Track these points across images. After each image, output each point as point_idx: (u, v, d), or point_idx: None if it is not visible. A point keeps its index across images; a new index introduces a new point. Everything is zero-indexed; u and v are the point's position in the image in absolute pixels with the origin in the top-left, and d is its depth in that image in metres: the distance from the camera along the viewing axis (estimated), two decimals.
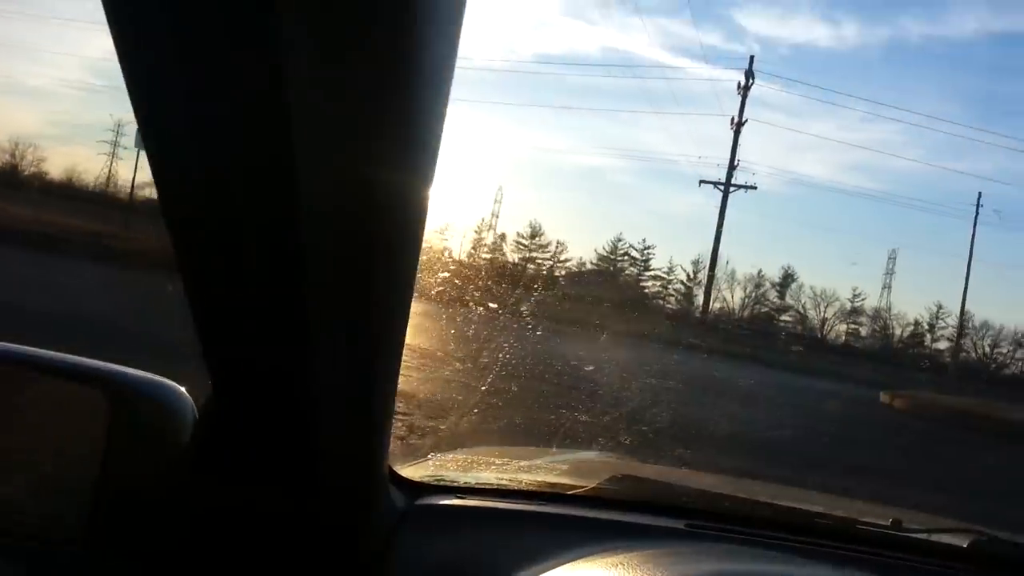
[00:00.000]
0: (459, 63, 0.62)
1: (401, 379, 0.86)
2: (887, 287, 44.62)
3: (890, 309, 43.34)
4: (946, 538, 1.16)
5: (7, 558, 0.85)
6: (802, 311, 43.85)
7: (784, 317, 44.22)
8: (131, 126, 29.74)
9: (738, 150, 36.04)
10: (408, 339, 0.80)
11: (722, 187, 35.62)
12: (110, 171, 33.11)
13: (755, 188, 36.41)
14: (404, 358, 0.82)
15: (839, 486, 4.91)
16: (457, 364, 5.76)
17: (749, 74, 36.36)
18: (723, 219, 35.41)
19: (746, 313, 42.96)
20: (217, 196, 0.60)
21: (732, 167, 35.89)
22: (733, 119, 36.19)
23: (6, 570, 0.84)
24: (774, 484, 2.60)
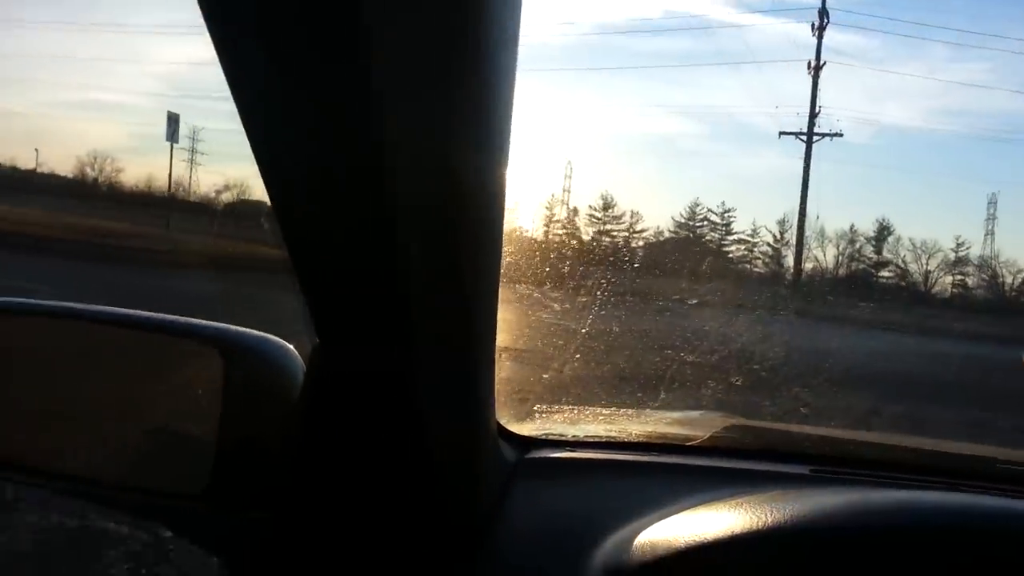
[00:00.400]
0: (522, 36, 0.65)
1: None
2: (990, 233, 40.27)
3: (997, 256, 39.14)
4: None
5: (141, 515, 0.88)
6: (902, 265, 40.01)
7: (884, 273, 40.38)
8: (203, 132, 31.15)
9: (818, 97, 32.61)
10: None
11: (804, 138, 32.12)
12: (190, 177, 33.98)
13: (841, 135, 32.93)
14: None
15: None
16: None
17: (823, 12, 33.14)
18: (808, 171, 31.88)
19: (841, 271, 39.43)
20: (319, 192, 0.66)
21: (813, 114, 32.42)
22: (810, 63, 32.84)
23: (142, 526, 0.88)
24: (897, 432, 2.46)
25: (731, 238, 42.23)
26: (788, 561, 0.75)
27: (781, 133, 32.75)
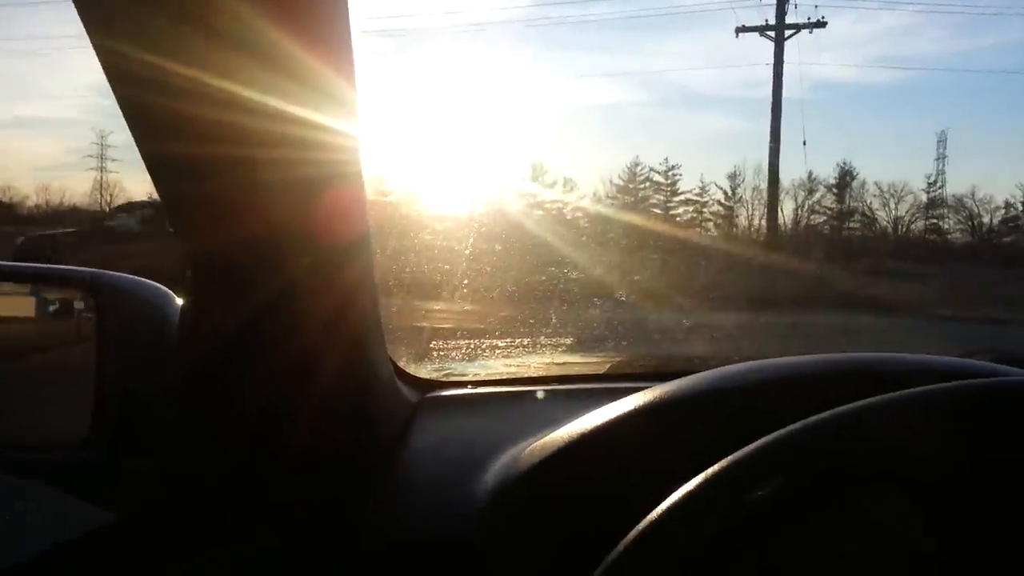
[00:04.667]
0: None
1: None
2: (941, 173, 32.22)
3: (974, 195, 31.72)
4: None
5: (31, 469, 0.85)
6: (870, 213, 32.06)
7: (850, 224, 32.30)
8: (112, 137, 30.13)
9: None
10: None
11: (771, 35, 21.51)
12: (102, 184, 32.36)
13: (824, 25, 21.63)
14: None
15: None
16: None
17: None
18: (781, 81, 21.35)
19: (802, 225, 31.49)
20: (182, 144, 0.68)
21: None
22: None
23: (18, 482, 0.85)
24: None
25: (677, 199, 33.64)
26: (669, 425, 0.79)
27: (739, 29, 22.21)
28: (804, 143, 26.24)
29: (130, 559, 0.82)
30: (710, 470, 0.54)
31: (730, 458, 0.54)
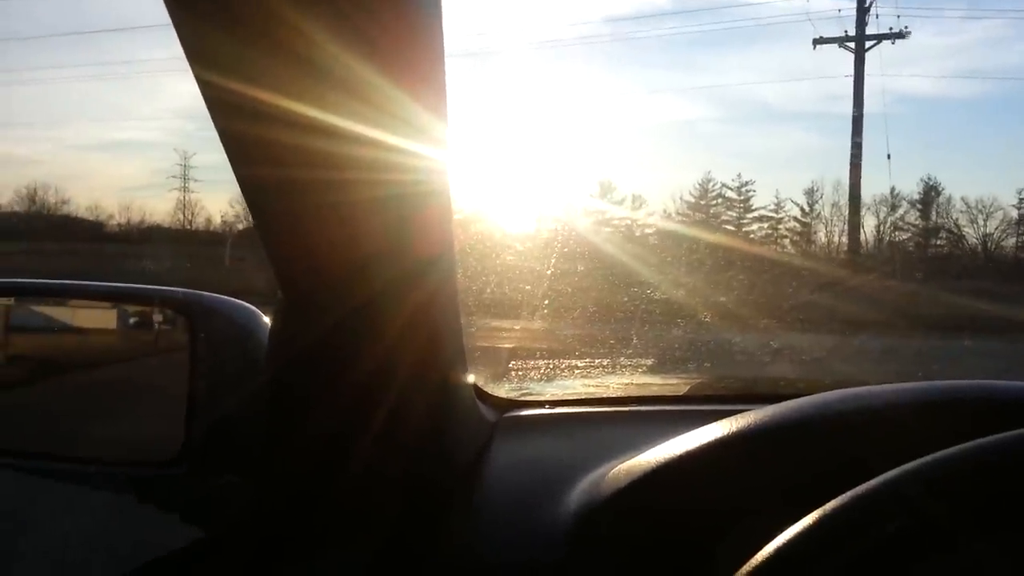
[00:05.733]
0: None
1: None
2: None
3: None
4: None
5: (122, 484, 0.88)
6: (956, 230, 29.81)
7: (937, 241, 30.11)
8: (196, 158, 31.46)
9: None
10: None
11: (850, 46, 21.06)
12: (185, 204, 33.31)
13: (906, 36, 20.97)
14: None
15: None
16: None
17: None
18: (861, 93, 20.66)
19: (885, 242, 29.20)
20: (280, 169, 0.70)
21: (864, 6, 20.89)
22: None
23: (110, 496, 0.88)
24: None
25: (751, 215, 31.91)
26: (757, 454, 0.77)
27: (817, 41, 21.65)
28: (888, 157, 25.12)
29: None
30: (826, 508, 0.51)
31: (846, 496, 0.51)
